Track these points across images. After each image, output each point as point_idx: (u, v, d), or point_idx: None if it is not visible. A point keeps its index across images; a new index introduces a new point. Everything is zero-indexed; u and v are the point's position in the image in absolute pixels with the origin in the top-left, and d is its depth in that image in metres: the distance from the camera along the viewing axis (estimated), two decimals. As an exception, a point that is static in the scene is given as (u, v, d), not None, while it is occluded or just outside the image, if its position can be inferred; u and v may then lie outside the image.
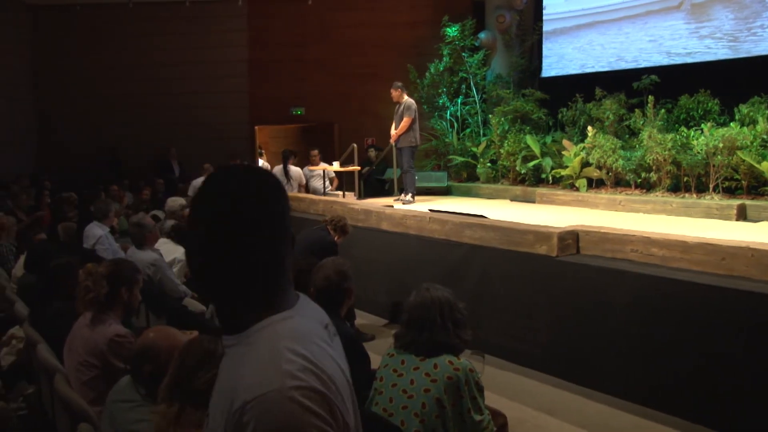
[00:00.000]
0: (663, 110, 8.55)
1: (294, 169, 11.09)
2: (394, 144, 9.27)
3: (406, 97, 9.19)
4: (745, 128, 7.61)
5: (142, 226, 5.76)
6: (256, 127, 14.07)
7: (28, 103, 13.72)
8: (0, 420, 3.32)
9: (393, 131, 9.15)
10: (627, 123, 9.08)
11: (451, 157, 11.48)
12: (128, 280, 3.61)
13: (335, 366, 1.21)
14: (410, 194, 9.07)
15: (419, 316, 2.90)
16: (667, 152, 7.93)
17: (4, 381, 4.40)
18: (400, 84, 9.34)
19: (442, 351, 2.83)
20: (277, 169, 11.08)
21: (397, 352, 2.94)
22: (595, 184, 9.04)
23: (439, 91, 12.25)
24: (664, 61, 9.81)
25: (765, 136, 7.52)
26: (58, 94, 13.65)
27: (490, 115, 11.13)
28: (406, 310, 2.98)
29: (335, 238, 6.25)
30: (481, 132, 11.73)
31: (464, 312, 2.98)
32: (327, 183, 10.99)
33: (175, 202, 7.51)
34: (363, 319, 6.80)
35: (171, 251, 6.05)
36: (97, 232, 6.94)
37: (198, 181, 10.21)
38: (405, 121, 8.94)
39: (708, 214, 7.39)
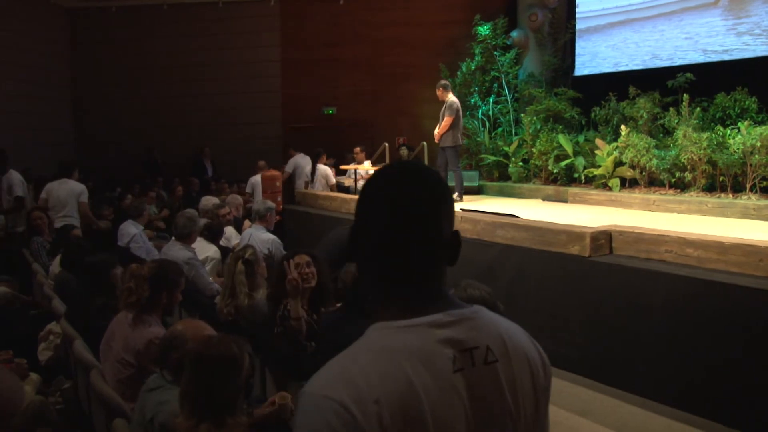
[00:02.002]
0: (698, 109, 8.41)
1: (321, 168, 11.14)
2: (438, 143, 9.16)
3: (450, 96, 9.09)
4: (784, 127, 7.47)
5: (194, 221, 5.84)
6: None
7: (67, 104, 14.01)
8: (40, 414, 3.38)
9: (437, 131, 9.07)
10: (661, 122, 8.95)
11: (482, 156, 11.43)
12: (170, 282, 3.66)
13: (403, 391, 1.10)
14: (457, 193, 9.02)
15: None
16: (702, 151, 7.80)
17: (42, 376, 4.49)
18: (443, 83, 9.29)
19: None
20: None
21: None
22: (628, 183, 8.93)
23: (471, 90, 12.19)
24: (700, 58, 9.65)
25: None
26: (95, 96, 13.91)
27: (522, 114, 11.06)
28: None
29: None
30: (513, 131, 11.67)
31: (502, 311, 2.95)
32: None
33: (209, 201, 7.59)
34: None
35: (204, 249, 6.12)
36: (131, 230, 7.05)
37: (255, 178, 10.31)
38: (446, 121, 8.86)
39: (745, 214, 7.26)
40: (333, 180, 11.15)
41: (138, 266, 3.73)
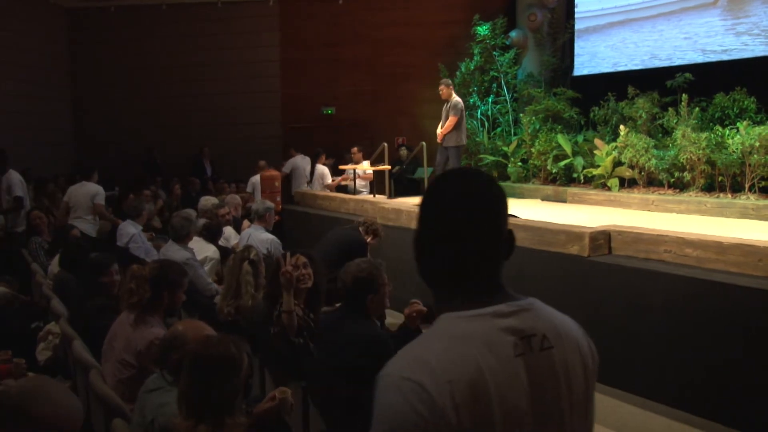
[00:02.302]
0: (697, 109, 8.42)
1: (318, 168, 11.15)
2: (440, 143, 9.02)
3: (454, 95, 9.00)
4: (783, 127, 7.47)
5: (190, 221, 5.84)
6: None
7: (67, 104, 14.01)
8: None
9: (439, 130, 8.92)
10: (660, 122, 8.96)
11: (481, 156, 11.43)
12: (172, 283, 3.65)
13: (472, 372, 1.23)
14: None
15: None
16: (701, 151, 7.81)
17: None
18: (447, 81, 9.18)
19: None
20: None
21: None
22: (627, 183, 8.93)
23: (470, 90, 12.20)
24: (699, 58, 9.66)
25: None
26: (95, 96, 13.91)
27: (521, 114, 11.07)
28: (429, 312, 2.90)
29: (367, 239, 6.25)
30: (512, 131, 11.67)
31: None
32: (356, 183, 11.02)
33: (208, 201, 7.57)
34: (394, 318, 6.80)
35: (203, 250, 6.12)
36: (130, 230, 7.05)
37: (256, 178, 10.31)
38: (451, 120, 8.76)
39: (744, 214, 7.26)
40: (329, 180, 11.13)
41: (139, 267, 3.72)
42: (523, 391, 1.27)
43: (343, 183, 11.11)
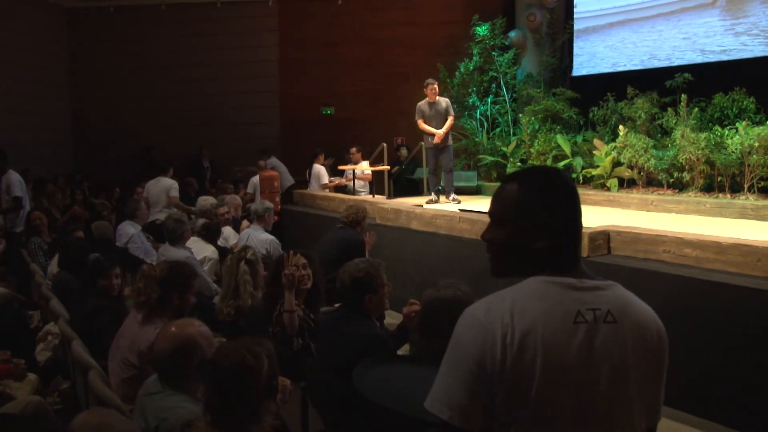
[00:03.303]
0: (696, 109, 8.42)
1: (315, 168, 11.15)
2: (435, 144, 8.76)
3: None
4: (782, 127, 7.47)
5: (182, 223, 5.85)
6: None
7: (66, 104, 14.00)
8: (40, 414, 3.38)
9: (435, 131, 8.68)
10: (659, 122, 8.96)
11: (480, 156, 11.42)
12: (182, 284, 3.63)
13: (527, 324, 1.44)
14: (453, 195, 8.97)
15: (429, 321, 2.79)
16: (700, 151, 7.81)
17: (40, 376, 4.49)
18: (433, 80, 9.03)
19: None
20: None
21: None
22: (626, 184, 8.94)
23: (469, 90, 12.19)
24: (698, 58, 9.66)
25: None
26: (94, 95, 13.91)
27: (520, 115, 11.06)
28: (421, 313, 2.85)
29: (363, 237, 6.26)
30: (511, 131, 11.67)
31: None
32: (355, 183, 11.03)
33: (206, 201, 7.58)
34: (393, 318, 6.80)
35: (202, 249, 6.12)
36: (129, 230, 7.05)
37: (256, 178, 10.33)
38: (452, 120, 8.74)
39: (743, 214, 7.26)
40: (326, 180, 11.12)
41: (149, 267, 3.74)
42: (573, 355, 1.45)
43: (341, 185, 11.12)
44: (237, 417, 2.26)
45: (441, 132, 8.70)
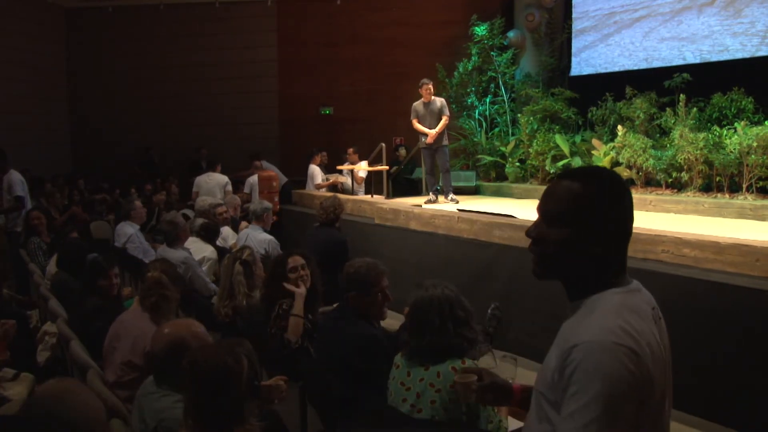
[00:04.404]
0: (695, 109, 8.42)
1: (310, 169, 11.16)
2: (429, 144, 8.79)
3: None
4: (780, 127, 7.47)
5: (176, 224, 5.85)
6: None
7: (65, 104, 14.00)
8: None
9: (427, 130, 8.71)
10: (658, 122, 8.96)
11: (479, 156, 11.43)
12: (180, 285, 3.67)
13: (653, 337, 1.53)
14: (450, 195, 8.98)
15: (418, 320, 2.77)
16: (699, 151, 7.81)
17: (40, 376, 4.48)
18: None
19: (445, 356, 2.69)
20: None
21: (403, 363, 2.82)
22: (625, 183, 8.93)
23: (468, 90, 12.20)
24: (697, 58, 9.66)
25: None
26: (93, 95, 13.92)
27: (518, 115, 11.06)
28: (410, 313, 2.86)
29: (345, 237, 6.27)
30: (510, 131, 11.67)
31: (469, 308, 2.82)
32: (354, 183, 11.03)
33: (205, 201, 7.58)
34: (392, 318, 6.80)
35: (200, 249, 6.12)
36: (127, 230, 7.05)
37: (254, 178, 10.33)
38: (446, 120, 8.72)
39: (741, 214, 7.26)
40: (318, 180, 11.12)
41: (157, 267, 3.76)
42: (660, 351, 1.57)
43: (336, 183, 11.12)
44: (219, 420, 2.24)
45: (434, 132, 8.68)
